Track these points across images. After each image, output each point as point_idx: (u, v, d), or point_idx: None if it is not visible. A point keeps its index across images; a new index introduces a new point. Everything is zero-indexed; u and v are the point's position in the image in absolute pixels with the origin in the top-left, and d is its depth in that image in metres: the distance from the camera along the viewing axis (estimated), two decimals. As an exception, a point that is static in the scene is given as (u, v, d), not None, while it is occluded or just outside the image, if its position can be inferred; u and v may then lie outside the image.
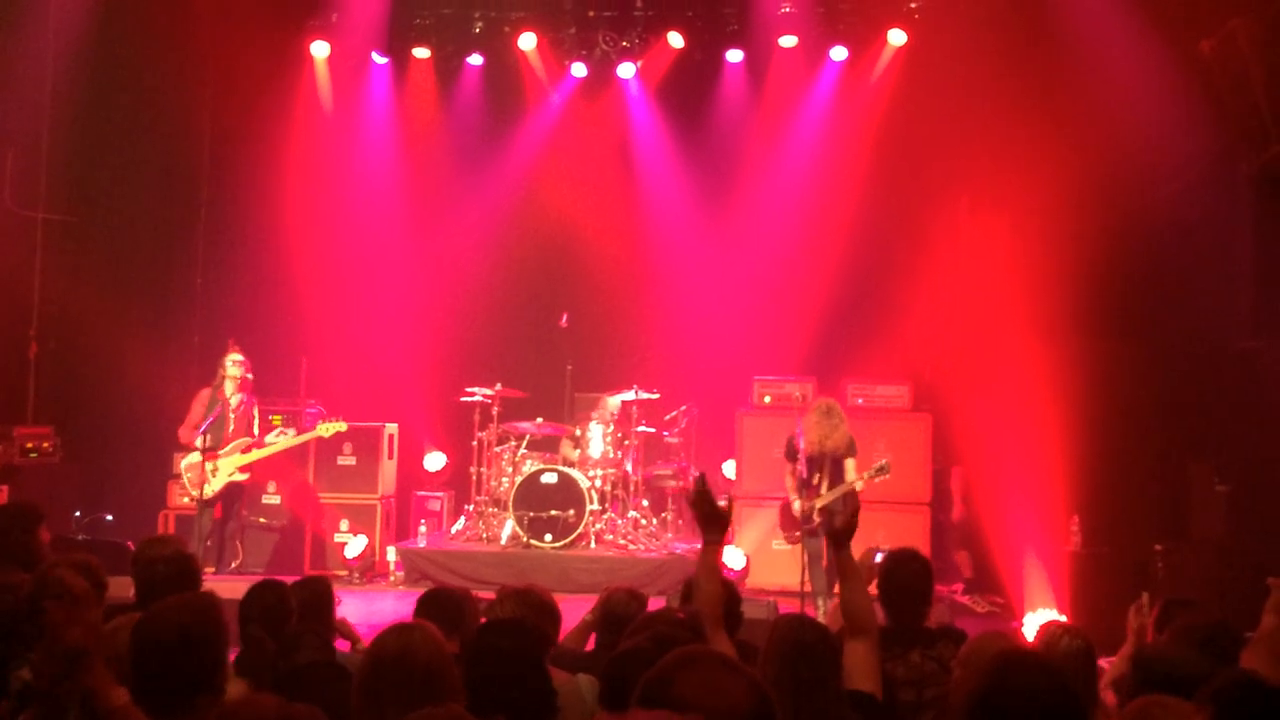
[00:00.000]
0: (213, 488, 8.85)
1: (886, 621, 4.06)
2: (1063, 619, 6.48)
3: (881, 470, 7.73)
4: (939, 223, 9.92)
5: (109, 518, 9.61)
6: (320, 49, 10.82)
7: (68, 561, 3.47)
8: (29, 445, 9.31)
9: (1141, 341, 8.43)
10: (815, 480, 7.87)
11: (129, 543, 7.59)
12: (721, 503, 3.55)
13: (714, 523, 3.50)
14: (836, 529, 3.69)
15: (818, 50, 10.65)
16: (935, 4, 10.11)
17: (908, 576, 4.13)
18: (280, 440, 9.21)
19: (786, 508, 8.16)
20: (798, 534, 7.95)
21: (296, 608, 4.10)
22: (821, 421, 7.86)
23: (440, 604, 3.92)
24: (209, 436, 8.70)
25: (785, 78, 10.79)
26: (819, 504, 7.77)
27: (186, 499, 9.17)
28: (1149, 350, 8.40)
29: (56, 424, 9.73)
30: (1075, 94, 8.47)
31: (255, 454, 9.04)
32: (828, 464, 7.84)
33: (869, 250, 10.15)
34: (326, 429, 9.21)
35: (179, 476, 9.27)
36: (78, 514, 9.50)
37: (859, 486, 7.77)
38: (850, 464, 7.87)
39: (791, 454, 8.05)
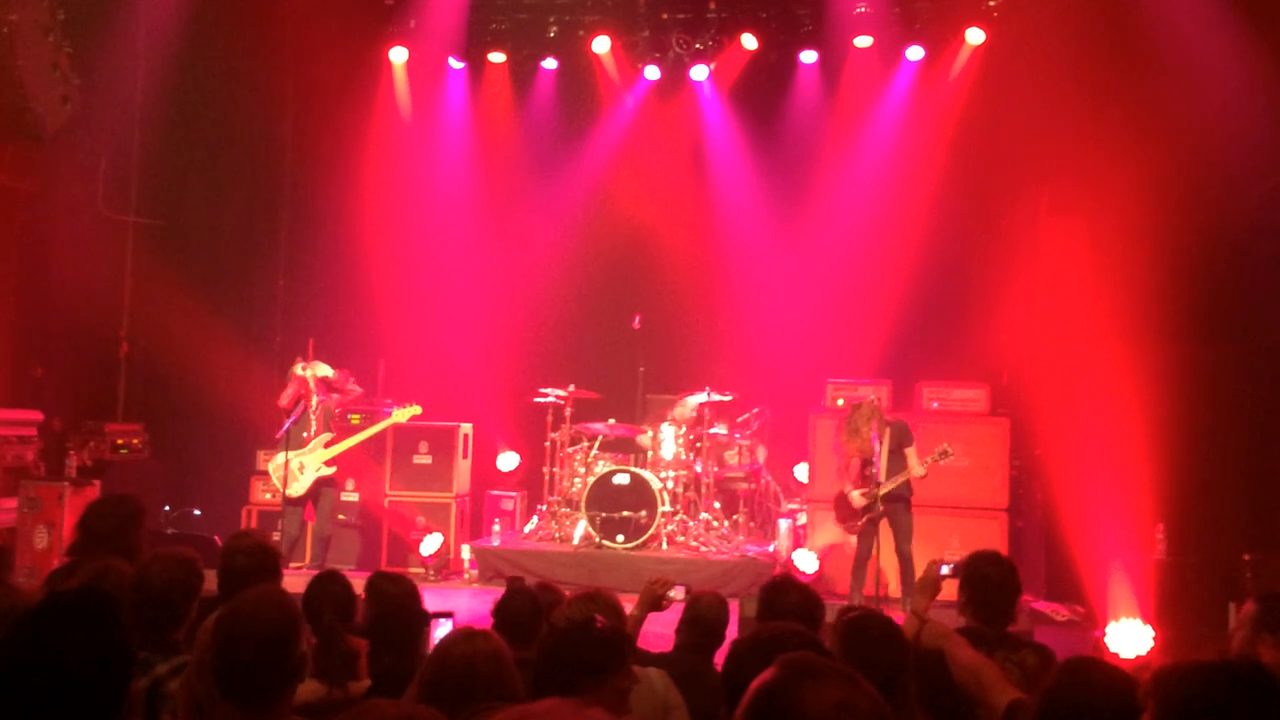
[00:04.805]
0: (302, 486, 9.06)
1: (969, 623, 4.00)
2: (1148, 629, 6.35)
3: (944, 454, 7.77)
4: (1018, 224, 9.75)
5: (197, 512, 9.88)
6: (399, 55, 11.03)
7: (167, 554, 3.57)
8: (119, 442, 9.66)
9: (1228, 346, 8.21)
10: (869, 471, 7.85)
11: (215, 537, 7.83)
12: (945, 570, 4.08)
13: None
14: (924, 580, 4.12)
15: (894, 50, 10.55)
16: (1014, 1, 9.94)
17: (991, 578, 4.05)
18: (364, 431, 9.42)
19: (842, 499, 8.22)
20: (860, 523, 8.01)
21: (377, 604, 4.11)
22: (856, 429, 7.90)
23: (515, 614, 3.84)
24: (291, 438, 8.90)
25: (860, 78, 10.71)
26: (881, 493, 7.72)
27: (269, 495, 9.44)
28: (1236, 355, 8.18)
29: (145, 421, 10.09)
30: (1159, 91, 8.23)
31: (338, 447, 9.22)
32: (884, 454, 7.79)
33: (945, 251, 10.02)
34: (403, 414, 9.38)
35: (263, 473, 9.52)
36: (166, 508, 9.80)
37: (920, 472, 7.80)
38: (911, 451, 7.89)
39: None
